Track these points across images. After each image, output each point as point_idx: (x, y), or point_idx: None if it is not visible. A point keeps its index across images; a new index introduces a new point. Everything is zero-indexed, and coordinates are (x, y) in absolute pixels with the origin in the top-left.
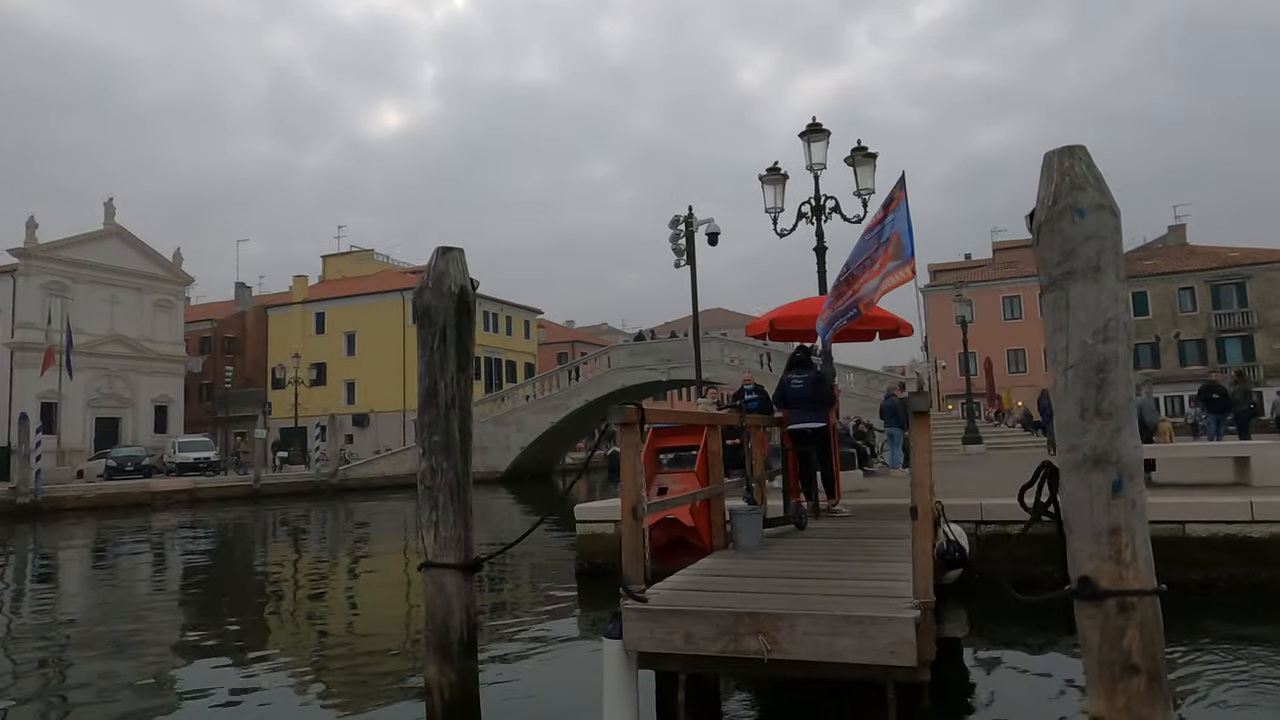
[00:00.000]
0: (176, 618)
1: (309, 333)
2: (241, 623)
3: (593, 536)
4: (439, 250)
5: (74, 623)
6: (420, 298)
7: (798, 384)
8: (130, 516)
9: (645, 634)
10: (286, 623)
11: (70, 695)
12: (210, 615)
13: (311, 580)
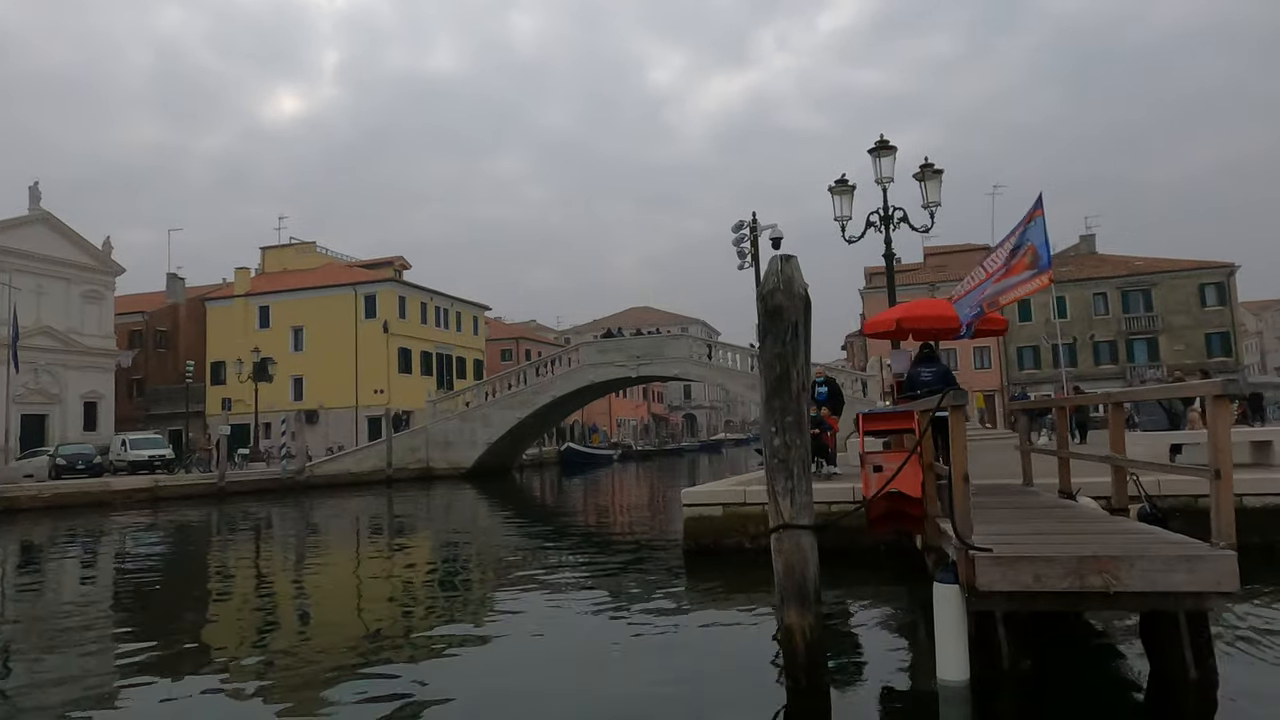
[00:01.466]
0: (133, 620)
1: (252, 327)
2: (205, 627)
3: (699, 519)
4: (782, 258)
5: (36, 623)
6: (772, 298)
7: (927, 376)
8: (89, 517)
9: (997, 577)
10: (256, 626)
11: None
12: (176, 619)
13: (298, 581)
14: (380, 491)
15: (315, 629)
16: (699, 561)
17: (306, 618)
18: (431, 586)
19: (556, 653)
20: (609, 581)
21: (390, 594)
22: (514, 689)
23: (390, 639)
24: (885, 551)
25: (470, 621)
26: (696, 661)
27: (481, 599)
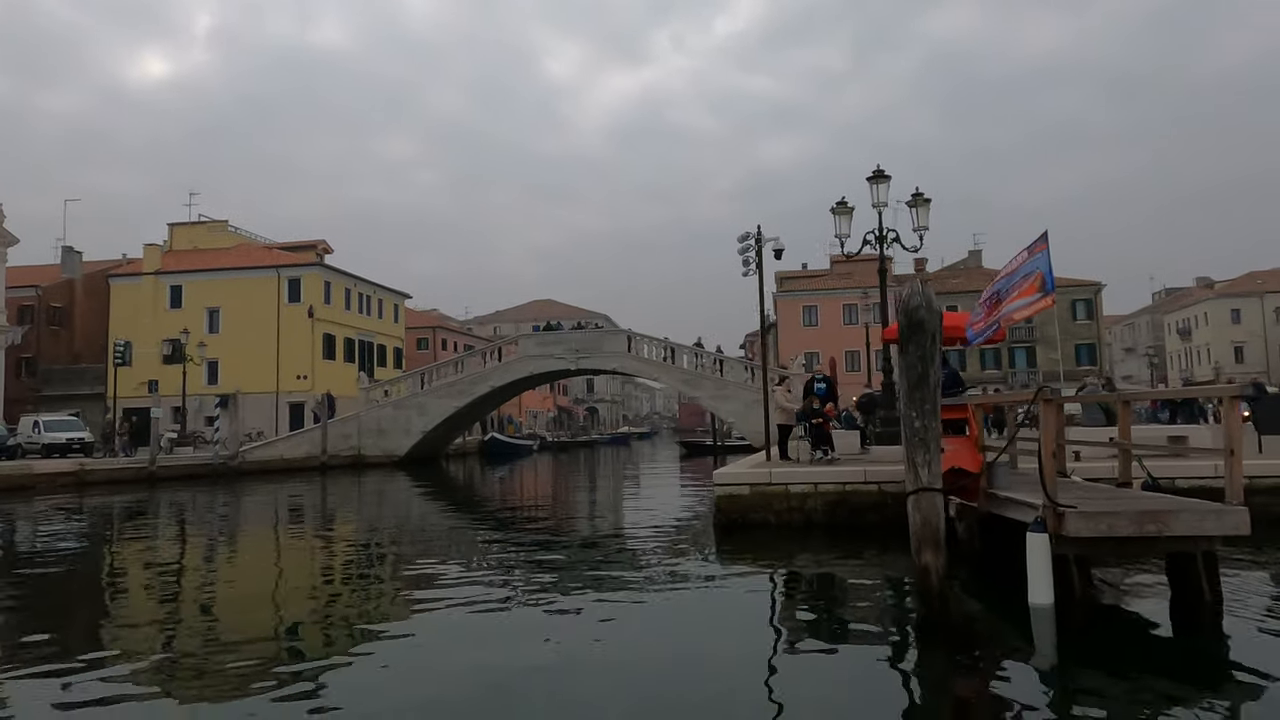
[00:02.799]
0: (50, 610)
1: (162, 306)
2: (132, 616)
3: (730, 497)
4: (919, 279)
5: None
6: (915, 313)
7: (941, 375)
8: (10, 501)
9: (1081, 525)
10: (195, 616)
11: None
12: (91, 609)
13: (269, 568)
14: (314, 478)
15: (308, 615)
16: (729, 535)
17: (284, 606)
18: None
19: (659, 615)
20: (652, 556)
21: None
22: (686, 650)
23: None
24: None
25: (583, 591)
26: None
27: (569, 574)
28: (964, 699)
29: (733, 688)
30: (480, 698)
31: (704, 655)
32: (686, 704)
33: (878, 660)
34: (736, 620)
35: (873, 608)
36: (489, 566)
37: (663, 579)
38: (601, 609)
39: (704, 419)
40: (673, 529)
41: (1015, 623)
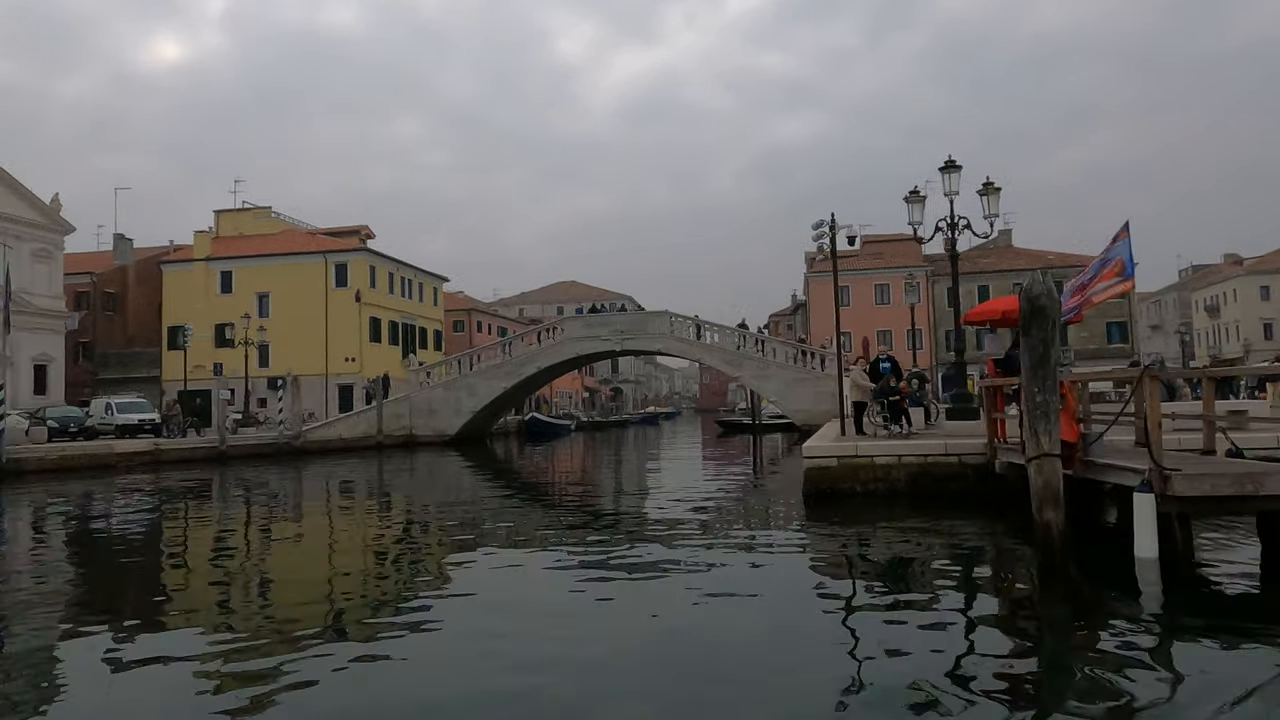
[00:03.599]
0: (127, 581)
1: (213, 291)
2: (209, 588)
3: (819, 468)
4: (1041, 271)
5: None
6: (1038, 300)
7: None
8: (93, 479)
9: (1186, 486)
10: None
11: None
12: (175, 580)
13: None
14: (370, 457)
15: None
16: (817, 503)
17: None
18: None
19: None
20: (747, 524)
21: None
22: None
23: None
24: (976, 489)
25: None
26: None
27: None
28: (1088, 637)
29: (882, 633)
30: (598, 666)
31: (839, 606)
32: (839, 641)
33: (1013, 605)
34: (856, 574)
35: (988, 561)
36: (584, 541)
37: (763, 544)
38: (716, 576)
39: (725, 399)
40: (760, 500)
41: (1122, 573)
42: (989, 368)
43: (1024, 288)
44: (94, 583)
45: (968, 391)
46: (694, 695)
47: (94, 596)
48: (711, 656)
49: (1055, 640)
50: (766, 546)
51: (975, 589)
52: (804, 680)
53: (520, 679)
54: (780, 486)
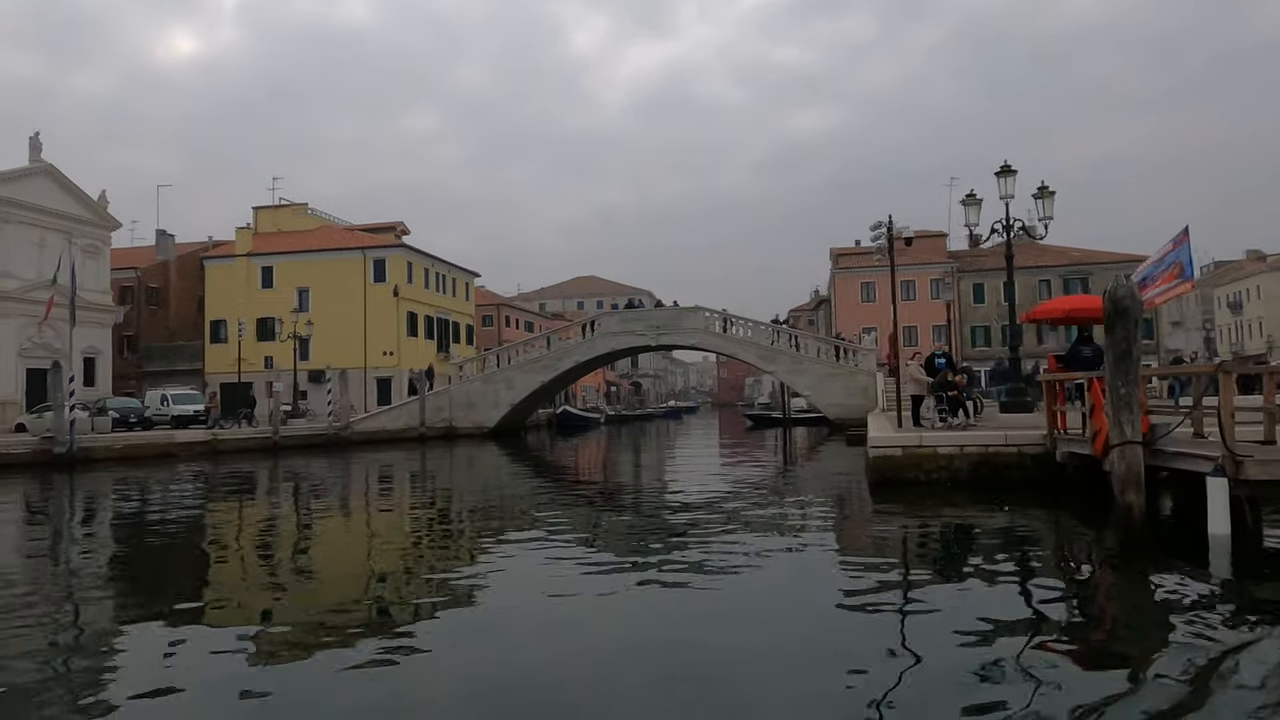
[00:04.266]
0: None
1: (254, 286)
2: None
3: (884, 457)
4: (1126, 275)
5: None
6: (1122, 302)
7: (1088, 353)
8: (157, 467)
9: (1260, 471)
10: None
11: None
12: (234, 565)
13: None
14: (413, 448)
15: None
16: (883, 490)
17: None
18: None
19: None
20: (817, 509)
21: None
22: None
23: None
24: (1035, 477)
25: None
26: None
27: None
28: (1170, 605)
29: (984, 600)
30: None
31: (930, 579)
32: (934, 607)
33: (1109, 575)
34: (946, 552)
35: (1063, 541)
36: (668, 528)
37: (829, 527)
38: (803, 556)
39: (741, 394)
40: (824, 487)
41: (1195, 548)
42: (1050, 363)
43: (1109, 291)
44: (154, 563)
45: (1021, 385)
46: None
47: (154, 576)
48: (838, 627)
49: (1145, 605)
50: (827, 529)
51: (1057, 564)
52: (921, 639)
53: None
54: (841, 476)
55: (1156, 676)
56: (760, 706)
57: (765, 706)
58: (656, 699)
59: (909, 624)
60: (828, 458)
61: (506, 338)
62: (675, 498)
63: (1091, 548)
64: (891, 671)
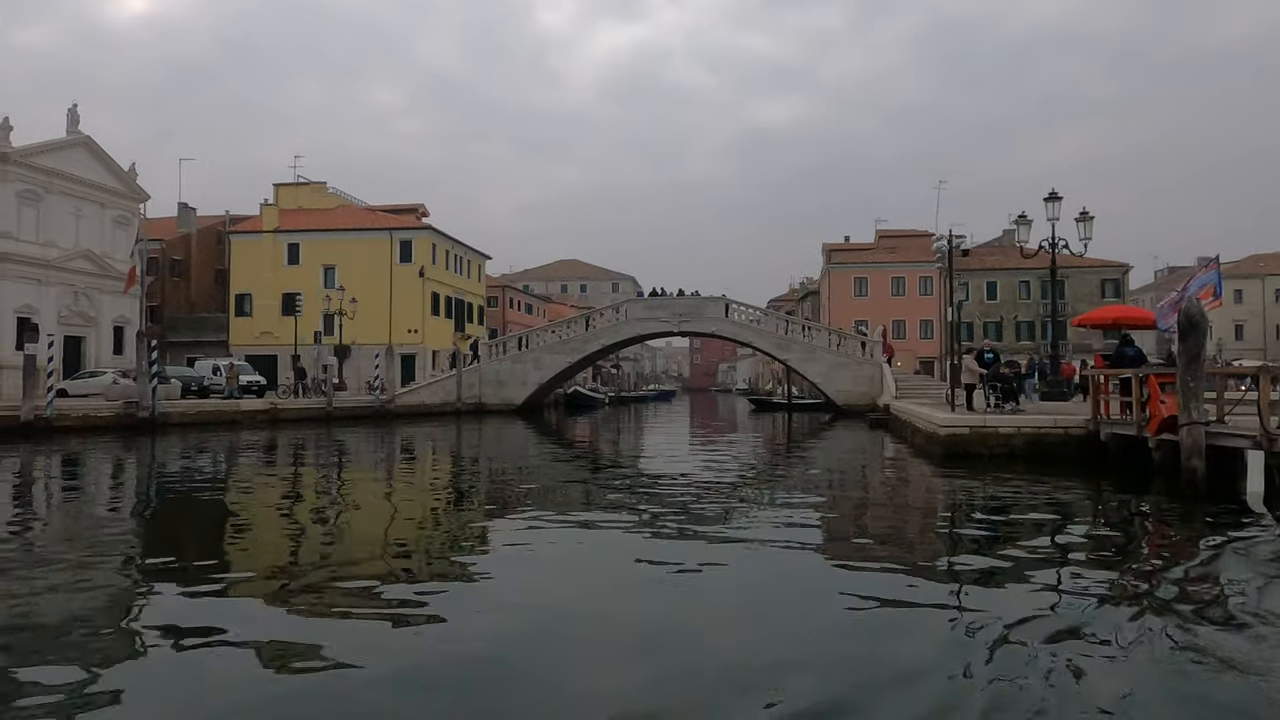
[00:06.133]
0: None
1: (280, 263)
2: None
3: (954, 436)
4: (1195, 298)
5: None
6: (1192, 317)
7: (1131, 352)
8: (222, 433)
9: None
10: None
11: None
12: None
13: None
14: (449, 421)
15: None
16: (952, 462)
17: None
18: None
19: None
20: (889, 482)
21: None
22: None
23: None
24: (1078, 455)
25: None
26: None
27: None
28: (1226, 543)
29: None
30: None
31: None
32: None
33: (1168, 526)
34: (1016, 514)
35: (1131, 502)
36: (756, 500)
37: (901, 494)
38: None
39: (714, 379)
40: (892, 463)
41: (1239, 507)
42: (1097, 361)
43: (1183, 309)
44: (218, 519)
45: (1060, 378)
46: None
47: (220, 531)
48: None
49: (1205, 542)
50: (905, 494)
51: (1119, 520)
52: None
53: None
54: (890, 453)
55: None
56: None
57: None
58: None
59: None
60: (861, 440)
61: (510, 319)
62: (736, 477)
63: (1142, 504)
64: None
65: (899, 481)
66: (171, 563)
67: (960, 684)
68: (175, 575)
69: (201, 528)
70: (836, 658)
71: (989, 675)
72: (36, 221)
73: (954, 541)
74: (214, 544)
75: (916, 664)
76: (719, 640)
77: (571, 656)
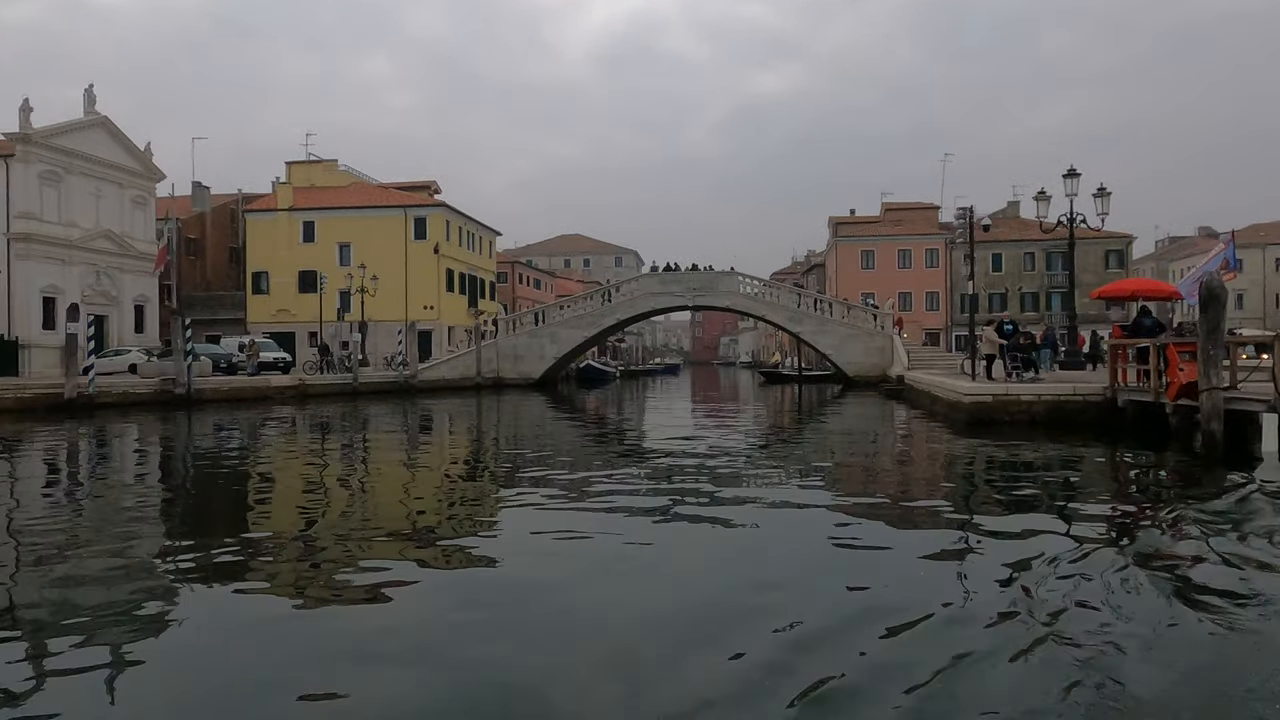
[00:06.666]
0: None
1: (296, 240)
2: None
3: (979, 403)
4: (1217, 273)
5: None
6: (1213, 291)
7: (1149, 323)
8: (254, 407)
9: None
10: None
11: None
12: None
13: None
14: (469, 395)
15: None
16: (976, 428)
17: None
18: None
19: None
20: (922, 444)
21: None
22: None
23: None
24: (1096, 420)
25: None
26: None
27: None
28: (1250, 490)
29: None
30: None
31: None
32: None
33: (1190, 478)
34: (1049, 472)
35: (1152, 460)
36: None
37: (935, 454)
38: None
39: (716, 352)
40: (918, 429)
41: (1248, 461)
42: (1115, 331)
43: (1205, 283)
44: (249, 488)
45: (1077, 348)
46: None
47: (251, 500)
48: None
49: (1230, 489)
50: (939, 459)
51: (1145, 475)
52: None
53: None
54: (914, 421)
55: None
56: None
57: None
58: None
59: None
60: (881, 409)
61: (520, 294)
62: (801, 440)
63: (1162, 462)
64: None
65: (931, 444)
66: (223, 520)
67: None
68: (225, 529)
69: (250, 493)
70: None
71: (1040, 602)
72: (58, 202)
73: (996, 491)
74: (262, 507)
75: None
76: (746, 577)
77: (623, 592)
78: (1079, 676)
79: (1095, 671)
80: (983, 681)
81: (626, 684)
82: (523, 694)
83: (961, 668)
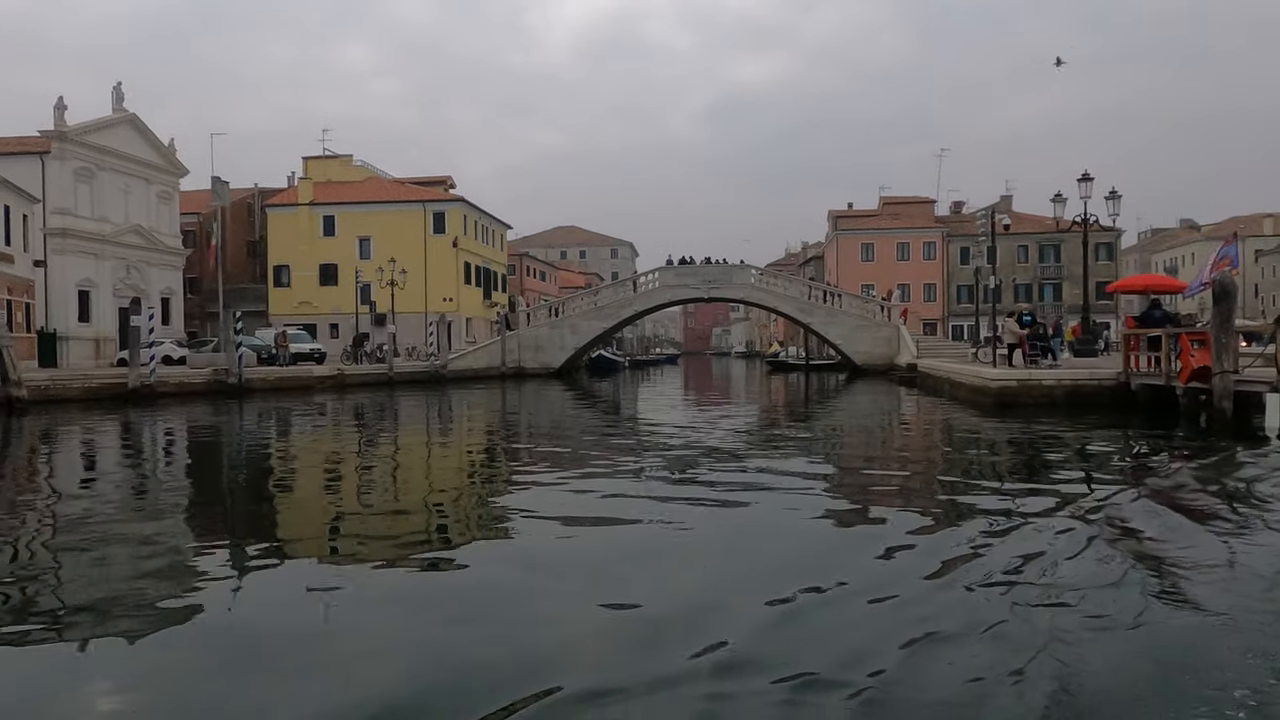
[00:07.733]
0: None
1: (316, 234)
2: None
3: (1004, 388)
4: (1230, 270)
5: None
6: (1225, 287)
7: (1158, 314)
8: (296, 396)
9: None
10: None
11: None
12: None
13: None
14: (495, 385)
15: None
16: (1003, 410)
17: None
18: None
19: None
20: (955, 426)
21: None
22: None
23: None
24: (1110, 403)
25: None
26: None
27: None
28: (1257, 459)
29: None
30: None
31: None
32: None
33: (1205, 450)
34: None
35: (1160, 435)
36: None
37: (968, 434)
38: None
39: (709, 343)
40: (949, 412)
41: (1257, 436)
42: (1128, 322)
43: (1217, 280)
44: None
45: (1091, 336)
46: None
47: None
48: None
49: (1236, 460)
50: (971, 440)
51: (1160, 449)
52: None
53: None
54: (936, 406)
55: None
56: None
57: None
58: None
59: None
60: (898, 395)
61: (528, 286)
62: (836, 423)
63: (1175, 438)
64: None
65: (962, 425)
66: (275, 493)
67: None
68: (280, 501)
69: (304, 472)
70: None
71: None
72: (91, 198)
73: (1030, 459)
74: (315, 487)
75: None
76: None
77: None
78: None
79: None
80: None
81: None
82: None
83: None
